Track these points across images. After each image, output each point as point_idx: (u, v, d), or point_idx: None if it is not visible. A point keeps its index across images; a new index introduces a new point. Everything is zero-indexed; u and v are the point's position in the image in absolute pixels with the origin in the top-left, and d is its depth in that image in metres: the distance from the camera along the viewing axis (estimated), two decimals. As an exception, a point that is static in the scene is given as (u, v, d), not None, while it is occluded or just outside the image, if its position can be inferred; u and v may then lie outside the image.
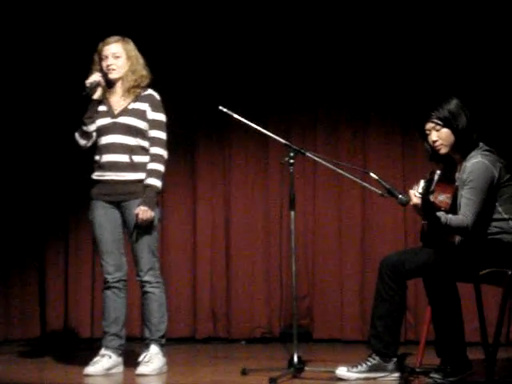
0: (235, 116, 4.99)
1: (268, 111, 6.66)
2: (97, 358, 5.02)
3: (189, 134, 6.80)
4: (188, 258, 6.80)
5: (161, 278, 5.14)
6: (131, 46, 5.12)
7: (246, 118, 5.01)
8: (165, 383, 4.88)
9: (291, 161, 4.87)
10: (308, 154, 4.94)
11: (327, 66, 6.68)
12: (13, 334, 6.67)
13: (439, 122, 4.58)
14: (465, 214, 4.46)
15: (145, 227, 4.99)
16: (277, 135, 5.01)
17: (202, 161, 6.82)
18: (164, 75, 6.40)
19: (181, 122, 6.68)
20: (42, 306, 6.74)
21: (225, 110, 4.98)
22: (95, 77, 5.06)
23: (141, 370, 4.96)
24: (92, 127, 5.08)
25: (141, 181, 5.02)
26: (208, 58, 6.75)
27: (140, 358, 5.02)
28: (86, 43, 5.39)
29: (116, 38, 5.11)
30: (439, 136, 4.60)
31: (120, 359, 5.07)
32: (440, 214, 4.43)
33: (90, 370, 4.97)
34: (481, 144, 4.61)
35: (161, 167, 5.03)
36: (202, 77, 6.76)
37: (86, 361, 5.07)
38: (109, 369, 4.99)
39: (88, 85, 5.03)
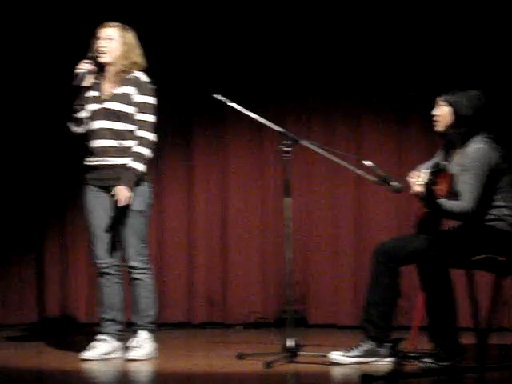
0: (231, 104, 5.02)
1: (263, 99, 6.67)
2: (94, 343, 5.04)
3: (185, 122, 6.82)
4: (184, 244, 6.83)
5: (149, 264, 5.12)
6: (130, 33, 5.11)
7: (241, 106, 5.03)
8: (159, 368, 4.90)
9: (286, 148, 4.91)
10: (302, 141, 4.98)
11: (322, 54, 6.68)
12: (10, 319, 6.68)
13: (446, 98, 4.69)
14: (464, 200, 4.52)
15: (128, 211, 4.97)
16: (272, 123, 5.04)
17: (198, 149, 6.84)
18: (161, 63, 6.43)
19: (177, 110, 6.71)
20: (40, 291, 6.78)
21: (220, 97, 5.01)
22: (84, 65, 5.05)
23: (130, 355, 4.99)
24: (82, 113, 5.09)
25: None
26: (204, 46, 6.76)
27: (129, 343, 5.05)
28: (77, 31, 5.39)
29: (115, 23, 5.12)
30: (441, 112, 4.71)
31: (118, 344, 5.08)
32: (442, 200, 4.49)
33: (87, 354, 5.00)
34: (483, 132, 4.67)
35: (145, 151, 5.02)
36: (198, 65, 6.77)
37: (83, 346, 5.10)
38: (106, 354, 5.01)
39: (77, 74, 5.05)
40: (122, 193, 4.96)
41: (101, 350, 5.02)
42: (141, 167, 5.01)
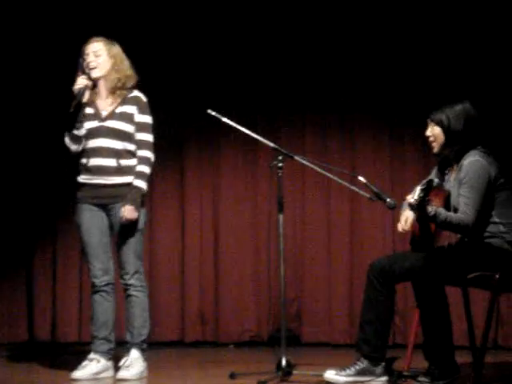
0: (224, 119, 4.99)
1: (257, 114, 6.66)
2: (85, 363, 5.00)
3: (177, 138, 6.78)
4: (176, 262, 6.78)
5: (145, 282, 5.11)
6: (115, 46, 5.11)
7: (234, 122, 5.00)
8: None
9: (280, 164, 4.88)
10: (296, 157, 4.95)
11: (316, 69, 6.67)
12: (0, 338, 6.62)
13: (433, 119, 4.65)
14: (465, 213, 4.47)
15: (130, 229, 4.97)
16: (265, 139, 5.01)
17: (190, 165, 6.80)
18: (153, 78, 6.40)
19: (169, 125, 6.66)
20: (30, 310, 6.71)
21: (213, 113, 4.98)
22: (81, 81, 5.02)
23: (121, 374, 4.95)
24: (82, 131, 5.05)
25: (128, 184, 5.00)
26: (197, 61, 6.74)
27: (121, 363, 5.00)
28: (73, 46, 5.36)
29: (98, 38, 5.10)
30: (432, 133, 4.68)
31: (109, 363, 5.04)
32: (440, 210, 4.44)
33: (77, 374, 4.95)
34: (478, 146, 4.63)
35: (147, 169, 5.03)
36: (191, 80, 6.75)
37: (74, 365, 5.06)
38: (97, 373, 4.96)
39: (76, 91, 5.00)
40: (131, 213, 4.95)
41: (91, 370, 4.97)
42: (144, 186, 5.02)
